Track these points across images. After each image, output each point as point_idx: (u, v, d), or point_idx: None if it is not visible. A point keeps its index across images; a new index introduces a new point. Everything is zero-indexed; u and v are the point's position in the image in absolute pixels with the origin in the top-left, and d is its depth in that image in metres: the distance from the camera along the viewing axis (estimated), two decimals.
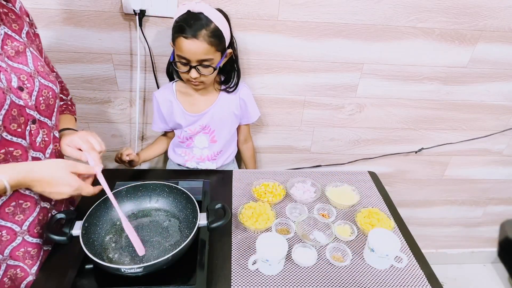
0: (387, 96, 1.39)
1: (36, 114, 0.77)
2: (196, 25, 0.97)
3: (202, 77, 1.06)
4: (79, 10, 1.13)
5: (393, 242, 0.88)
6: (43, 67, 0.81)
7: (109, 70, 1.25)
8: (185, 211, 0.92)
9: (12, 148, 0.73)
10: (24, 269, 0.82)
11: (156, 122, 1.25)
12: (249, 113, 1.26)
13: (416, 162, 1.60)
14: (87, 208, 0.84)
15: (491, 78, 1.38)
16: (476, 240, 1.97)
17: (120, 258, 0.82)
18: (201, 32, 0.97)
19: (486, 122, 1.50)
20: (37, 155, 0.79)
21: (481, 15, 1.23)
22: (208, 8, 1.00)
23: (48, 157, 0.82)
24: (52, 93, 0.81)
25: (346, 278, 0.86)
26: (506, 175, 1.70)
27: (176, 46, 1.02)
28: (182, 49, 1.00)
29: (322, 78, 1.33)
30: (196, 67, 1.03)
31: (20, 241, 0.80)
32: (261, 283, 0.83)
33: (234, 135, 1.30)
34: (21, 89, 0.74)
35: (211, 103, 1.18)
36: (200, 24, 0.97)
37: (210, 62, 1.03)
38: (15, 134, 0.73)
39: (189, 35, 0.97)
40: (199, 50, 0.99)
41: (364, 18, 1.21)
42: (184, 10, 0.99)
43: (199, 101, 1.19)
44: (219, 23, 1.00)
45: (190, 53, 1.00)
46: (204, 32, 0.98)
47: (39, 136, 0.79)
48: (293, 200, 1.10)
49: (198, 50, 0.99)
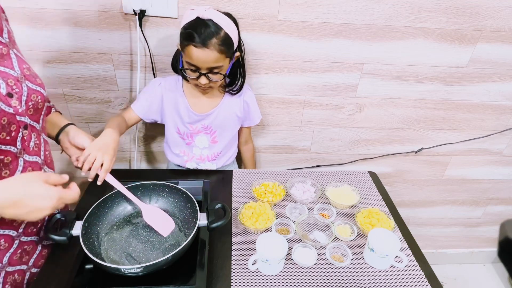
0: (387, 96, 1.39)
1: (27, 119, 0.73)
2: (206, 33, 0.96)
3: (211, 83, 1.06)
4: (79, 10, 1.13)
5: (393, 242, 0.88)
6: (28, 69, 0.75)
7: (109, 70, 1.25)
8: (185, 211, 0.92)
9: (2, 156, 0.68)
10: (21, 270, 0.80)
11: (141, 105, 1.17)
12: (251, 116, 1.26)
13: (416, 162, 1.60)
14: (87, 208, 0.84)
15: (491, 78, 1.38)
16: (476, 240, 1.97)
17: (120, 258, 0.82)
18: (212, 41, 0.96)
19: (486, 122, 1.51)
20: (34, 159, 0.76)
21: (481, 15, 1.23)
22: (217, 14, 0.98)
23: (43, 159, 0.79)
24: (41, 97, 0.76)
25: (346, 278, 0.86)
26: (506, 175, 1.70)
27: (185, 54, 1.00)
28: (192, 57, 0.99)
29: (322, 78, 1.33)
30: (205, 74, 1.02)
31: (17, 245, 0.77)
32: (261, 283, 0.84)
33: (235, 136, 1.29)
34: (10, 95, 0.68)
35: (216, 104, 1.18)
36: (210, 32, 0.96)
37: (220, 69, 1.03)
38: (4, 142, 0.67)
39: (199, 44, 0.96)
40: (209, 59, 0.99)
41: (364, 18, 1.21)
42: (193, 16, 0.98)
43: (204, 102, 1.18)
44: (228, 29, 0.99)
45: (200, 61, 0.99)
46: (214, 40, 0.96)
47: (32, 140, 0.75)
48: (293, 200, 1.10)
49: (208, 58, 0.98)
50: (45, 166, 0.82)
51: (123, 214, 0.92)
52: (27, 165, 0.75)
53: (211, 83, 1.05)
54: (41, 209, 0.64)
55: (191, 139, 1.23)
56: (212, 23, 0.97)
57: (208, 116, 1.18)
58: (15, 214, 0.62)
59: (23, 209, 0.61)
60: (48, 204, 0.64)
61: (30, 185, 0.63)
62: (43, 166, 0.80)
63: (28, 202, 0.62)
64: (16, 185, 0.62)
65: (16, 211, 0.61)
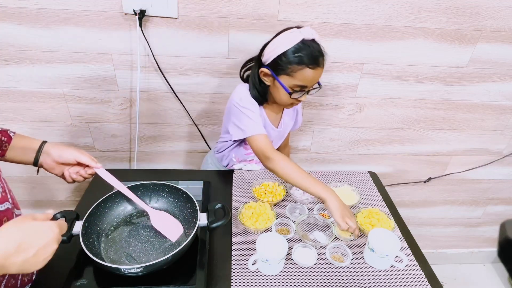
0: (387, 96, 1.39)
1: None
2: (319, 54, 0.96)
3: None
4: (79, 10, 1.13)
5: (393, 242, 0.88)
6: None
7: (109, 70, 1.25)
8: (185, 211, 0.92)
9: None
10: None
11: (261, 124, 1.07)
12: (298, 120, 1.28)
13: (416, 162, 1.60)
14: (87, 208, 0.84)
15: (491, 78, 1.38)
16: (476, 240, 1.97)
17: (120, 258, 0.82)
18: (322, 59, 0.97)
19: (486, 122, 1.51)
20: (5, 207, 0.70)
21: (481, 15, 1.23)
22: (312, 31, 0.97)
23: (11, 202, 0.73)
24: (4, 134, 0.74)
25: (346, 278, 0.86)
26: (506, 175, 1.70)
27: (297, 77, 0.97)
28: (307, 79, 0.97)
29: (322, 78, 1.32)
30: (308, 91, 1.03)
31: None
32: (261, 283, 0.83)
33: None
34: None
35: (280, 117, 1.19)
36: (319, 51, 0.96)
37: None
38: None
39: (315, 65, 0.96)
40: (319, 76, 1.00)
41: (364, 18, 1.21)
42: (297, 39, 0.94)
43: (273, 116, 1.17)
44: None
45: (313, 81, 0.99)
46: (322, 58, 0.97)
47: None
48: (293, 200, 1.10)
49: (319, 76, 0.99)
50: (14, 209, 0.75)
51: (123, 214, 0.92)
52: (2, 216, 0.68)
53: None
54: (47, 245, 0.57)
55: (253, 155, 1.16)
56: (316, 43, 0.97)
57: (279, 130, 1.19)
58: (23, 260, 0.54)
59: (29, 250, 0.55)
60: (51, 235, 0.58)
61: (24, 225, 0.56)
62: (13, 210, 0.74)
63: (31, 241, 0.55)
64: (9, 231, 0.55)
65: (23, 256, 0.54)
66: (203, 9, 1.15)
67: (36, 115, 1.33)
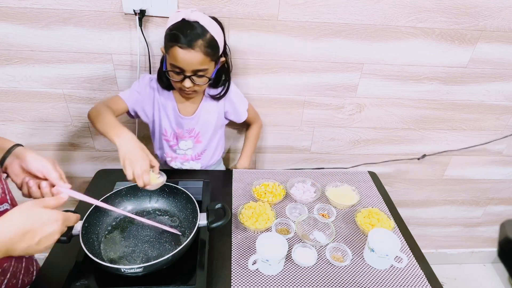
0: (387, 96, 1.39)
1: None
2: (191, 35, 0.95)
3: (195, 87, 1.05)
4: (79, 10, 1.12)
5: (393, 242, 0.88)
6: None
7: (109, 70, 1.25)
8: (185, 211, 0.92)
9: None
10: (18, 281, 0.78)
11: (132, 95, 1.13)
12: (238, 112, 1.25)
13: (416, 162, 1.60)
14: (87, 208, 0.84)
15: (491, 78, 1.38)
16: (476, 240, 1.97)
17: (120, 258, 0.82)
18: (197, 42, 0.95)
19: (486, 122, 1.51)
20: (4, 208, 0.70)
21: (481, 15, 1.23)
22: (203, 17, 0.98)
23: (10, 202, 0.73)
24: None
25: (346, 278, 0.86)
26: (505, 175, 1.70)
27: (170, 55, 0.99)
28: (177, 58, 0.97)
29: (322, 78, 1.33)
30: (190, 77, 1.01)
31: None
32: (261, 283, 0.84)
33: (221, 135, 1.29)
34: None
35: (197, 107, 1.18)
36: (195, 34, 0.96)
37: (205, 72, 1.02)
38: None
39: (184, 45, 0.95)
40: (195, 61, 0.98)
41: (364, 18, 1.21)
42: (178, 18, 0.97)
43: (186, 105, 1.17)
44: (214, 32, 0.99)
45: (185, 63, 0.98)
46: (200, 42, 0.96)
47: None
48: (293, 200, 1.10)
49: (194, 60, 0.98)
50: None
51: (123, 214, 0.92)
52: None
53: (195, 86, 1.04)
54: (50, 235, 0.60)
55: (175, 142, 1.22)
56: (198, 25, 0.96)
57: (192, 119, 1.18)
58: (26, 246, 0.58)
59: (34, 238, 0.58)
60: (56, 228, 0.61)
61: (33, 212, 0.60)
62: None
63: (37, 230, 0.58)
64: (19, 217, 0.58)
65: (27, 243, 0.57)
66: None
67: (36, 115, 1.33)
